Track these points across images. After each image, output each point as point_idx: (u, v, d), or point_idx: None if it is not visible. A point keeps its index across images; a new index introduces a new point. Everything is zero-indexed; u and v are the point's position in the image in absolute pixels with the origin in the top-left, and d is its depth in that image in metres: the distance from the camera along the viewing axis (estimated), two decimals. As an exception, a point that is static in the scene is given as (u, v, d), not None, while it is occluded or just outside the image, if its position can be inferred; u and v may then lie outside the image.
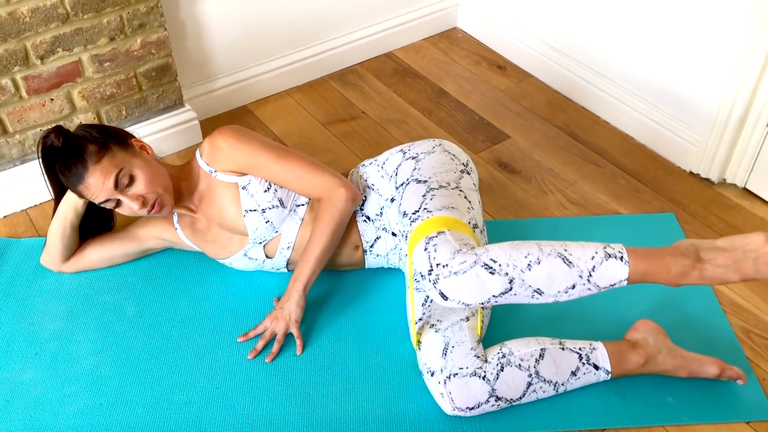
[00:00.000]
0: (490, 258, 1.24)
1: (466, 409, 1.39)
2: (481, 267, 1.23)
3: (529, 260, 1.24)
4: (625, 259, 1.24)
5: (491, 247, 1.27)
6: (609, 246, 1.26)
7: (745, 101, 1.82)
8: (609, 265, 1.24)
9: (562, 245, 1.27)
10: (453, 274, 1.24)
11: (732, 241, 1.25)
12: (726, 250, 1.24)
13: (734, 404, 1.46)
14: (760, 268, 1.23)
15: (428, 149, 1.58)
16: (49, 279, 1.73)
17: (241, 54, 2.21)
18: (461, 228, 1.34)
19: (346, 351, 1.57)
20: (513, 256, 1.24)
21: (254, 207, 1.56)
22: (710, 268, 1.24)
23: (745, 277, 1.23)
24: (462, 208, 1.40)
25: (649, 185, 2.00)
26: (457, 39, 2.61)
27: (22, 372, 1.53)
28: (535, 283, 1.25)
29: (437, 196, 1.41)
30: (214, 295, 1.69)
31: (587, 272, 1.24)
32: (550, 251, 1.25)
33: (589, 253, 1.24)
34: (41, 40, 1.74)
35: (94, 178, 1.47)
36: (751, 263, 1.22)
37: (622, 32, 2.08)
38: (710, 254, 1.24)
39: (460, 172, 1.52)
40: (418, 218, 1.38)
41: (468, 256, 1.25)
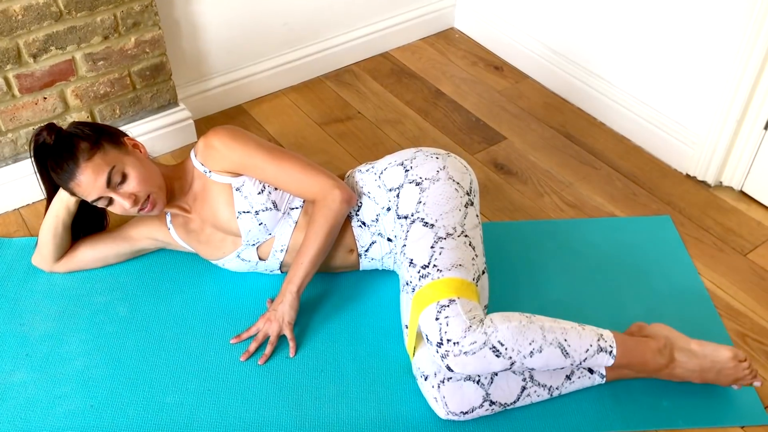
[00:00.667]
0: (498, 341, 1.31)
1: (460, 413, 1.38)
2: (489, 349, 1.31)
3: (533, 348, 1.33)
4: (613, 353, 1.38)
5: (499, 325, 1.33)
6: (602, 338, 1.38)
7: (742, 104, 1.81)
8: (598, 357, 1.37)
9: (563, 332, 1.36)
10: (462, 354, 1.30)
11: (704, 349, 1.42)
12: (697, 356, 1.41)
13: (729, 409, 1.45)
14: (720, 378, 1.42)
15: (432, 175, 1.52)
16: (40, 279, 1.71)
17: (236, 53, 2.20)
18: (469, 292, 1.37)
19: (339, 353, 1.56)
20: (519, 341, 1.32)
21: (248, 209, 1.55)
22: (680, 370, 1.42)
23: (704, 381, 1.43)
24: (468, 264, 1.41)
25: (645, 187, 1.99)
26: (454, 39, 2.60)
27: (13, 373, 1.52)
28: (532, 366, 1.35)
29: (446, 249, 1.42)
30: (207, 296, 1.68)
31: (579, 362, 1.37)
32: (552, 340, 1.34)
33: (585, 346, 1.36)
34: (34, 39, 1.73)
35: (86, 176, 1.46)
36: (714, 373, 1.41)
37: (620, 34, 2.07)
38: (683, 357, 1.42)
39: (464, 207, 1.49)
40: (428, 276, 1.38)
41: (478, 335, 1.31)
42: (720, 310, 1.65)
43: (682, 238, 1.83)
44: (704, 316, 1.63)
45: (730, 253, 1.79)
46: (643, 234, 1.84)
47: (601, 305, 1.65)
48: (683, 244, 1.81)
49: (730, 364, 1.40)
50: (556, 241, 1.82)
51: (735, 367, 1.40)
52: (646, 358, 1.40)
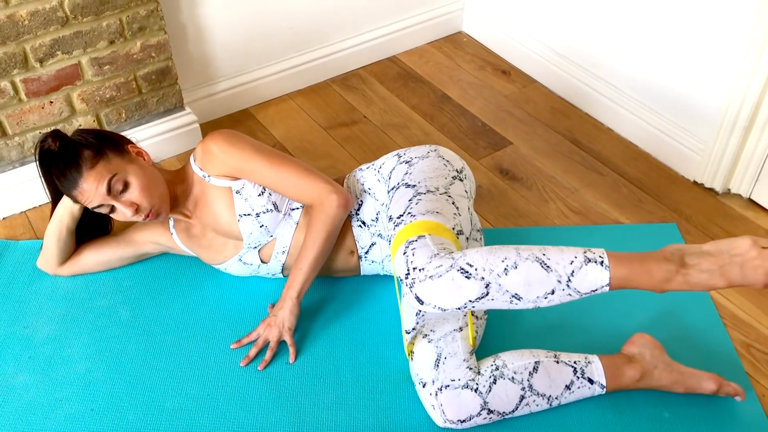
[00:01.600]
0: (467, 262, 1.21)
1: (458, 421, 1.37)
2: (456, 271, 1.20)
3: (506, 264, 1.21)
4: (605, 263, 1.20)
5: (469, 251, 1.24)
6: (589, 250, 1.22)
7: (750, 110, 1.79)
8: (589, 270, 1.20)
9: (541, 249, 1.22)
10: (428, 278, 1.21)
11: (718, 246, 1.20)
12: (712, 254, 1.19)
13: (732, 421, 1.43)
14: (747, 273, 1.17)
15: (423, 154, 1.56)
16: (45, 282, 1.73)
17: (242, 57, 2.21)
18: (443, 233, 1.31)
19: (339, 360, 1.56)
20: (490, 260, 1.21)
21: (248, 211, 1.55)
22: (695, 273, 1.19)
23: (731, 282, 1.18)
24: (447, 214, 1.37)
25: (652, 194, 1.97)
26: (462, 43, 2.60)
27: (16, 375, 1.53)
28: (512, 288, 1.21)
29: (423, 200, 1.40)
30: (209, 300, 1.68)
31: (566, 277, 1.20)
32: (528, 255, 1.21)
33: (568, 258, 1.20)
34: (40, 43, 1.74)
35: (88, 184, 1.47)
36: (738, 268, 1.17)
37: (627, 39, 2.05)
38: (695, 259, 1.19)
39: (452, 178, 1.50)
40: (402, 222, 1.36)
41: (444, 260, 1.22)
42: (725, 320, 1.63)
43: (688, 246, 1.81)
44: (708, 326, 1.61)
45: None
46: (648, 241, 1.82)
47: (602, 314, 1.63)
48: (689, 253, 1.79)
49: (753, 252, 1.16)
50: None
51: (760, 255, 1.16)
52: (650, 266, 1.19)
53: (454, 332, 1.43)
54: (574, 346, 1.51)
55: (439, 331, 1.44)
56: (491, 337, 1.56)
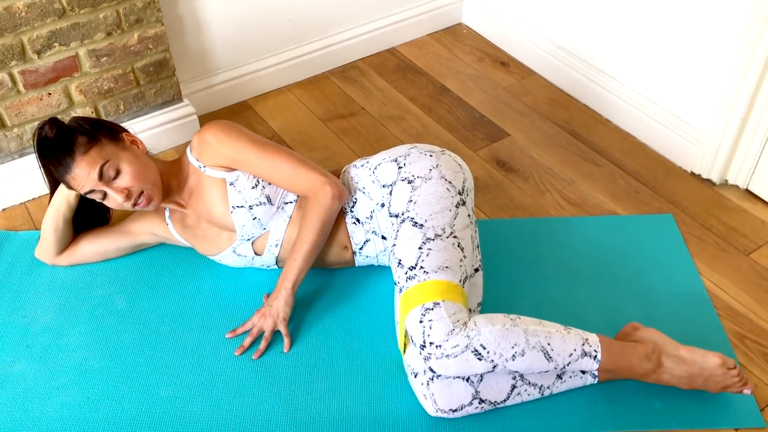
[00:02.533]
0: (480, 344, 1.32)
1: (449, 410, 1.38)
2: (471, 353, 1.32)
3: (515, 351, 1.33)
4: (598, 358, 1.38)
5: (483, 328, 1.33)
6: (587, 342, 1.38)
7: (747, 100, 1.78)
8: (582, 362, 1.38)
9: (547, 337, 1.35)
10: (444, 357, 1.32)
11: (693, 355, 1.40)
12: (685, 362, 1.39)
13: (723, 410, 1.43)
14: (708, 385, 1.40)
15: (425, 173, 1.52)
16: (43, 272, 1.74)
17: (240, 49, 2.21)
18: (454, 294, 1.37)
19: (333, 349, 1.56)
20: (501, 345, 1.33)
21: (241, 203, 1.56)
22: (666, 376, 1.40)
23: (692, 387, 1.41)
24: (455, 266, 1.41)
25: (649, 185, 1.97)
26: (462, 35, 2.59)
27: (13, 364, 1.55)
28: (515, 369, 1.35)
29: (433, 250, 1.42)
30: (205, 290, 1.70)
31: (562, 366, 1.37)
32: (535, 344, 1.34)
33: (569, 350, 1.36)
34: (38, 35, 1.75)
35: (80, 169, 1.48)
36: (702, 380, 1.39)
37: (626, 31, 2.04)
38: (671, 363, 1.40)
39: (455, 207, 1.48)
40: (415, 277, 1.39)
41: (460, 339, 1.32)
42: (719, 311, 1.63)
43: (684, 237, 1.81)
44: (703, 317, 1.61)
45: (733, 253, 1.77)
46: (644, 232, 1.82)
47: (598, 304, 1.63)
48: (684, 243, 1.79)
49: (719, 371, 1.38)
50: (555, 239, 1.80)
51: (724, 374, 1.38)
52: (632, 363, 1.39)
53: (446, 323, 1.44)
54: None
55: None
56: (484, 327, 1.56)
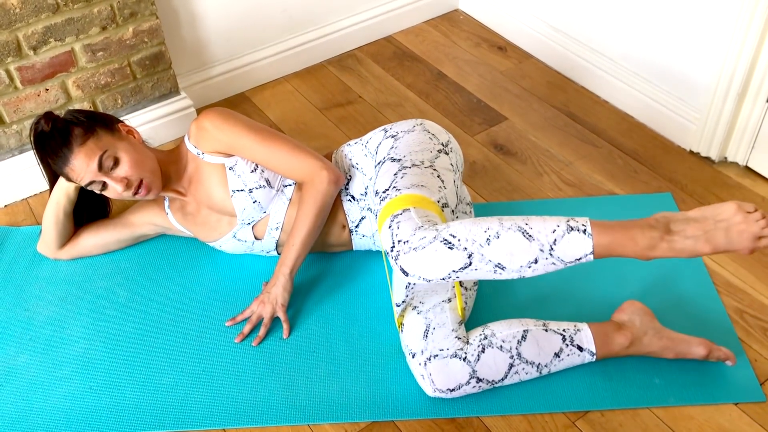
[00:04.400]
0: (450, 233, 1.23)
1: (447, 390, 1.38)
2: (440, 242, 1.22)
3: (488, 234, 1.21)
4: (588, 231, 1.20)
5: (453, 222, 1.25)
6: (573, 219, 1.22)
7: (743, 76, 1.77)
8: (571, 238, 1.20)
9: (525, 219, 1.23)
10: (413, 250, 1.23)
11: (703, 212, 1.20)
12: (697, 220, 1.19)
13: (723, 385, 1.43)
14: (732, 238, 1.17)
15: (408, 128, 1.57)
16: (45, 266, 1.76)
17: (236, 41, 2.22)
18: (428, 205, 1.33)
19: (332, 334, 1.57)
20: (472, 230, 1.22)
21: (241, 187, 1.57)
22: (679, 239, 1.19)
23: (716, 248, 1.18)
24: (432, 187, 1.38)
25: (647, 165, 1.96)
26: (458, 21, 2.59)
27: (17, 356, 1.57)
28: (495, 258, 1.22)
29: (408, 174, 1.41)
30: (205, 280, 1.71)
31: (548, 246, 1.20)
32: (511, 225, 1.22)
33: (551, 227, 1.21)
34: (33, 31, 1.77)
35: (79, 160, 1.49)
36: (723, 233, 1.17)
37: (621, 11, 2.03)
38: (680, 225, 1.19)
39: (437, 151, 1.50)
40: (387, 197, 1.37)
41: (428, 231, 1.24)
42: (718, 287, 1.62)
43: (682, 215, 1.80)
44: (702, 292, 1.61)
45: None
46: (642, 211, 1.78)
47: (596, 283, 1.63)
48: (683, 221, 1.78)
49: (738, 217, 1.17)
50: (553, 220, 1.80)
51: (745, 219, 1.17)
52: (634, 233, 1.20)
53: (442, 303, 1.44)
54: (566, 316, 1.52)
55: (428, 302, 1.45)
56: (482, 308, 1.57)
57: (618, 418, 1.40)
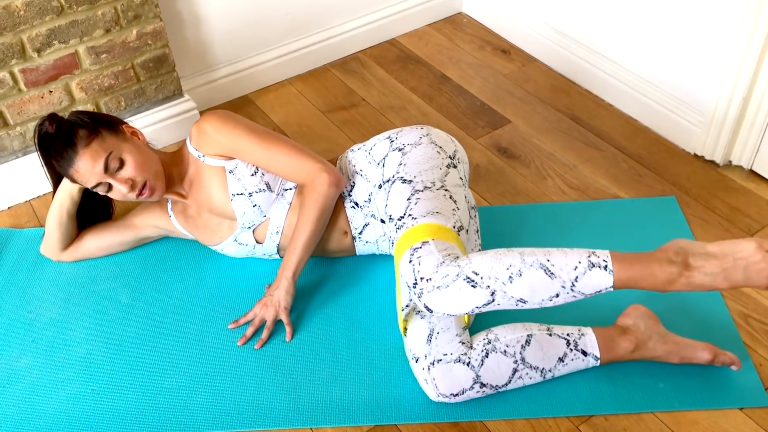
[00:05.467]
0: (472, 270, 1.24)
1: (450, 395, 1.38)
2: (463, 280, 1.23)
3: (511, 272, 1.23)
4: (609, 268, 1.21)
5: (474, 257, 1.26)
6: (594, 254, 1.23)
7: (749, 79, 1.76)
8: (593, 275, 1.21)
9: (546, 254, 1.24)
10: (436, 289, 1.24)
11: (723, 248, 1.21)
12: (716, 257, 1.21)
13: (728, 390, 1.42)
14: (750, 276, 1.19)
15: (415, 140, 1.55)
16: (48, 268, 1.76)
17: (240, 44, 2.22)
18: (446, 235, 1.32)
19: (335, 338, 1.57)
20: (495, 268, 1.23)
21: (241, 191, 1.57)
22: (698, 276, 1.20)
23: (734, 285, 1.20)
24: (447, 212, 1.38)
25: (652, 169, 1.96)
26: (462, 24, 2.59)
27: (19, 358, 1.57)
28: (517, 294, 1.24)
29: (422, 200, 1.40)
30: (207, 283, 1.71)
31: (570, 282, 1.22)
32: (533, 262, 1.23)
33: (573, 263, 1.22)
34: (37, 33, 1.77)
35: (84, 162, 1.49)
36: (741, 272, 1.19)
37: (626, 14, 2.03)
38: (699, 261, 1.21)
39: (446, 167, 1.49)
40: (404, 225, 1.37)
41: (451, 269, 1.24)
42: (723, 291, 1.61)
43: (687, 219, 1.79)
44: (706, 296, 1.60)
45: (737, 234, 1.75)
46: (646, 215, 1.81)
47: (600, 287, 1.62)
48: (688, 225, 1.77)
49: (757, 256, 1.18)
50: (556, 223, 1.80)
51: (764, 258, 1.18)
52: (653, 269, 1.21)
53: (446, 307, 1.44)
54: (571, 320, 1.51)
55: (431, 306, 1.44)
56: (486, 313, 1.56)
57: (622, 423, 1.39)
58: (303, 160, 1.55)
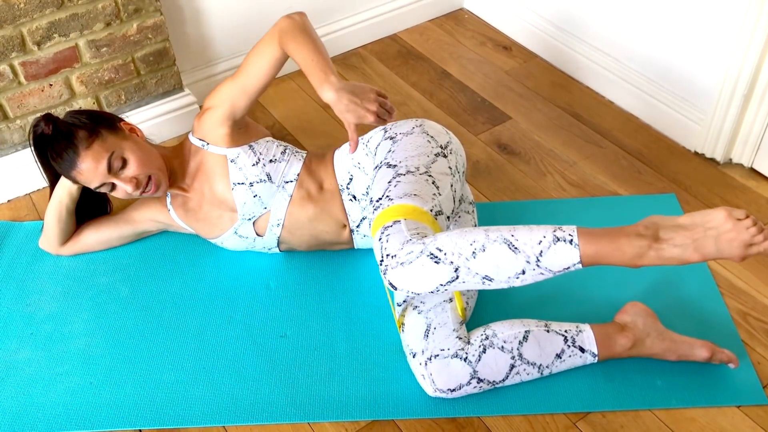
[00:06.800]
0: (436, 247, 1.22)
1: (448, 390, 1.38)
2: (426, 256, 1.21)
3: (474, 248, 1.20)
4: (575, 242, 1.18)
5: (440, 235, 1.24)
6: (560, 228, 1.20)
7: (749, 77, 1.76)
8: (558, 249, 1.18)
9: (511, 230, 1.21)
10: (400, 265, 1.23)
11: (693, 218, 1.18)
12: (686, 228, 1.18)
13: (725, 388, 1.42)
14: (722, 247, 1.15)
15: (407, 130, 1.55)
16: (47, 261, 1.76)
17: (240, 38, 2.22)
18: (420, 216, 1.31)
19: (333, 333, 1.57)
20: (458, 244, 1.21)
21: (242, 180, 1.57)
22: (667, 248, 1.17)
23: (705, 256, 1.16)
24: (426, 195, 1.36)
25: (652, 166, 1.95)
26: (464, 20, 2.58)
27: (18, 351, 1.57)
28: (482, 271, 1.21)
29: (402, 182, 1.39)
30: (206, 277, 1.71)
31: (535, 257, 1.19)
32: (497, 237, 1.20)
33: (537, 238, 1.19)
34: (37, 26, 1.77)
35: (87, 164, 1.49)
36: (712, 241, 1.15)
37: (627, 10, 2.02)
38: (669, 233, 1.18)
39: (434, 155, 1.48)
40: (380, 206, 1.36)
41: (415, 246, 1.23)
42: (721, 288, 1.61)
43: (686, 217, 1.79)
44: (705, 294, 1.60)
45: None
46: (645, 212, 1.77)
47: (599, 283, 1.62)
48: (687, 223, 1.77)
49: (728, 224, 1.15)
50: (555, 220, 1.79)
51: (735, 227, 1.15)
52: (621, 243, 1.17)
53: (443, 303, 1.44)
54: (569, 317, 1.51)
55: (428, 302, 1.44)
56: (483, 308, 1.57)
57: (619, 420, 1.40)
58: (259, 53, 1.48)
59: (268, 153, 1.60)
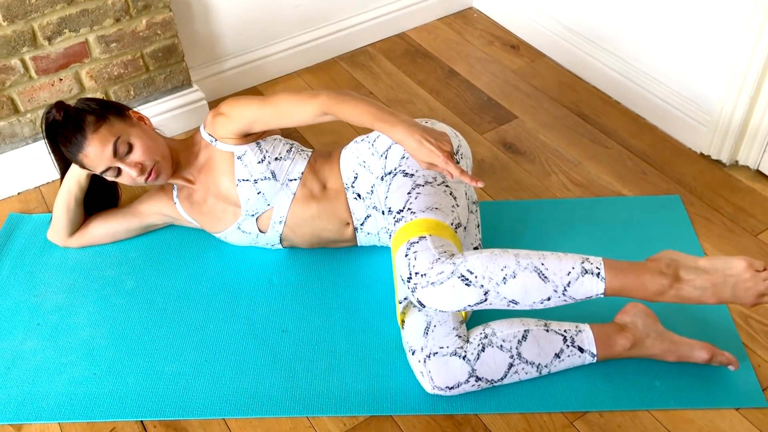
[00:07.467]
0: (467, 269, 1.25)
1: (446, 388, 1.39)
2: (457, 278, 1.25)
3: (505, 273, 1.25)
4: (601, 275, 1.24)
5: (470, 256, 1.27)
6: (587, 260, 1.26)
7: (756, 79, 1.75)
8: (585, 281, 1.25)
9: (540, 258, 1.26)
10: (430, 285, 1.26)
11: (714, 263, 1.26)
12: (707, 272, 1.25)
13: (725, 390, 1.42)
14: (738, 294, 1.24)
15: None
16: (55, 253, 1.79)
17: (249, 35, 2.23)
18: (442, 231, 1.34)
19: (334, 328, 1.58)
20: (489, 268, 1.25)
21: (247, 177, 1.59)
22: (687, 288, 1.24)
23: (721, 301, 1.25)
24: (446, 208, 1.39)
25: (657, 167, 1.95)
26: (472, 19, 2.58)
27: (24, 341, 1.60)
28: (510, 296, 1.26)
29: (422, 194, 1.41)
30: (210, 271, 1.72)
31: (562, 287, 1.25)
32: (527, 265, 1.25)
33: (566, 269, 1.25)
34: (48, 21, 1.79)
35: (93, 147, 1.52)
36: (730, 288, 1.24)
37: (635, 11, 2.02)
38: (690, 274, 1.25)
39: None
40: (402, 219, 1.38)
41: (446, 266, 1.26)
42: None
43: (690, 218, 1.79)
44: (707, 297, 1.60)
45: (740, 234, 1.74)
46: (649, 213, 1.80)
47: (600, 284, 1.63)
48: (691, 224, 1.77)
49: (747, 274, 1.23)
50: (559, 220, 1.80)
51: (753, 278, 1.23)
52: (644, 280, 1.25)
53: (444, 300, 1.44)
54: (568, 317, 1.52)
55: (429, 299, 1.45)
56: (484, 306, 1.57)
57: (617, 420, 1.40)
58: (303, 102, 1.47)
59: (274, 151, 1.61)
